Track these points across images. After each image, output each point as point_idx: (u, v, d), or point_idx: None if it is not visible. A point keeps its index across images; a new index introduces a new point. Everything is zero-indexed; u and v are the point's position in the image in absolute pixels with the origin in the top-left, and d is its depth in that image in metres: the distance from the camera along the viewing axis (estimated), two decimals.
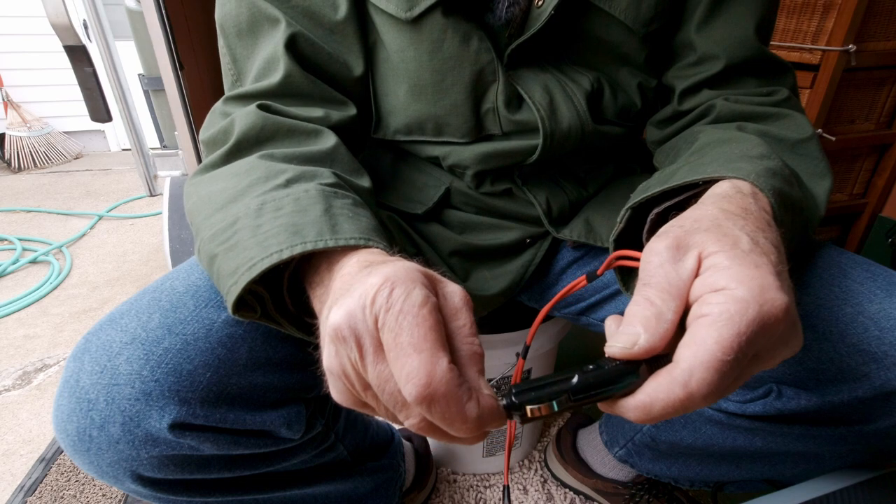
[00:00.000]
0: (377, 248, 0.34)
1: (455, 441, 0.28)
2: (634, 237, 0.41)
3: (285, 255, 0.32)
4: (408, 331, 0.25)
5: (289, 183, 0.38)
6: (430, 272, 0.30)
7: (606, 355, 0.27)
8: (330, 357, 0.28)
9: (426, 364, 0.25)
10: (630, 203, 0.40)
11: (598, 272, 0.37)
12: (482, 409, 0.26)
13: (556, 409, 0.26)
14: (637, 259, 0.33)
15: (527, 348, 0.40)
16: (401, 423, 0.28)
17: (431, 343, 0.25)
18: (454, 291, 0.29)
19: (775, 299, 0.25)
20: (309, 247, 0.32)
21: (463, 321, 0.28)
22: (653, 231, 0.39)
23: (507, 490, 0.42)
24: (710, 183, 0.36)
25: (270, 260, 0.32)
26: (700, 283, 0.27)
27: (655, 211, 0.39)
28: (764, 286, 0.25)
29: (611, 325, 0.29)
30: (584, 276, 0.37)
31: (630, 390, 0.26)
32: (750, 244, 0.28)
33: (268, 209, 0.35)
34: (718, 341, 0.24)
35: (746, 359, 0.25)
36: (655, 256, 0.28)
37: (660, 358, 0.27)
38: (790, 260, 0.30)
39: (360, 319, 0.26)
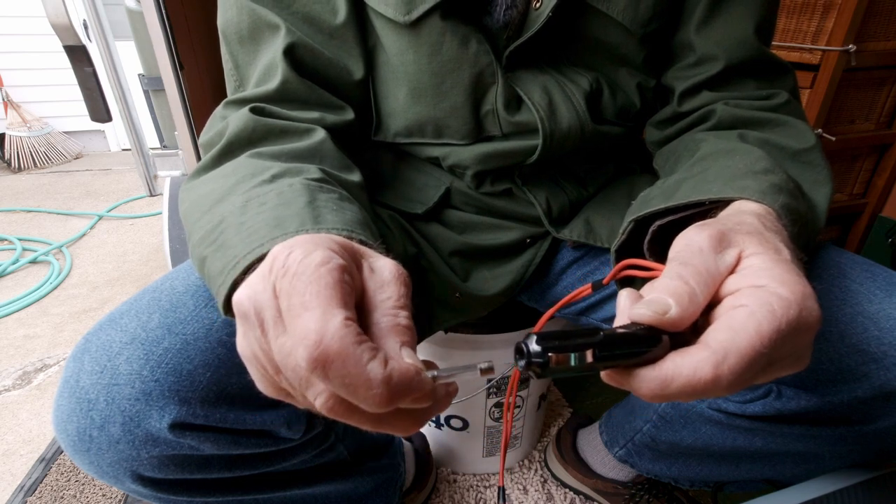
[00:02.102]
0: (358, 239, 0.33)
1: (376, 425, 0.25)
2: (634, 246, 0.41)
3: (266, 248, 0.30)
4: (300, 291, 0.23)
5: (274, 178, 0.37)
6: (361, 247, 0.29)
7: (630, 319, 0.26)
8: (239, 339, 0.26)
9: (316, 321, 0.22)
10: (633, 216, 0.40)
11: (604, 281, 0.36)
12: (391, 371, 0.23)
13: (573, 363, 0.24)
14: (646, 269, 0.32)
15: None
16: (317, 409, 0.25)
17: (325, 299, 0.23)
18: (384, 266, 0.28)
19: (813, 308, 0.25)
20: (290, 237, 0.30)
21: (388, 294, 0.26)
22: (654, 242, 0.39)
23: (501, 491, 0.42)
24: (716, 200, 0.36)
25: (252, 255, 0.31)
26: (738, 278, 0.27)
27: (658, 223, 0.39)
28: (805, 294, 0.25)
29: (625, 298, 0.28)
30: (589, 285, 0.37)
31: (649, 359, 0.25)
32: (790, 256, 0.28)
33: (252, 205, 0.34)
34: (758, 331, 0.24)
35: (771, 358, 0.24)
36: (696, 241, 0.28)
37: (679, 337, 0.26)
38: None
39: (260, 291, 0.24)
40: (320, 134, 0.45)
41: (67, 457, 0.94)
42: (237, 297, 0.25)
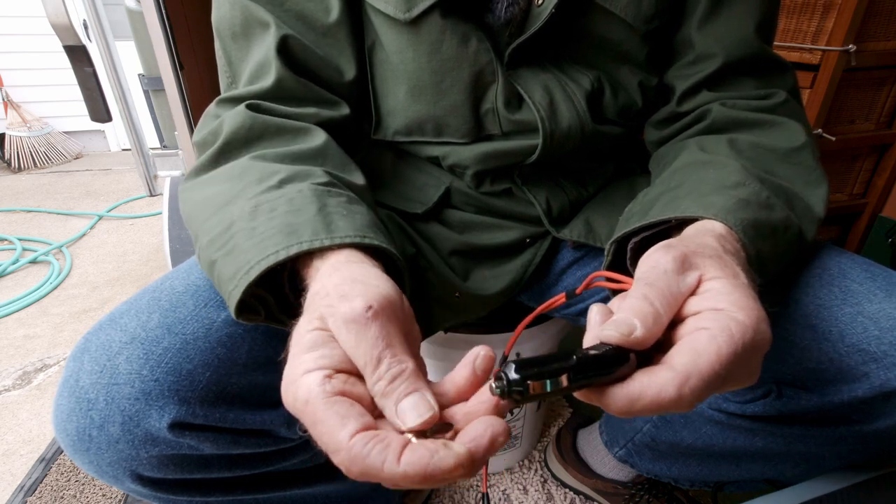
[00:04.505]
0: (371, 244, 0.34)
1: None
2: (623, 264, 0.42)
3: (281, 256, 0.32)
4: (311, 416, 0.26)
5: (281, 184, 0.38)
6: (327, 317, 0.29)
7: (600, 339, 0.27)
8: None
9: (332, 439, 0.25)
10: (613, 238, 0.41)
11: (577, 291, 0.38)
12: (405, 469, 0.24)
13: (549, 388, 0.25)
14: (616, 281, 0.35)
15: (505, 358, 0.39)
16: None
17: (332, 416, 0.25)
18: (346, 328, 0.28)
19: (766, 332, 0.27)
20: (305, 247, 0.32)
21: (363, 361, 0.27)
22: (635, 260, 0.39)
23: (486, 497, 0.43)
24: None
25: (267, 262, 0.32)
26: (698, 300, 0.28)
27: (634, 241, 0.40)
28: (759, 318, 0.27)
29: (595, 314, 0.30)
30: (563, 295, 0.38)
31: (617, 377, 0.26)
32: (746, 280, 0.30)
33: (262, 210, 0.35)
34: (718, 354, 0.25)
35: (726, 377, 0.26)
36: (661, 263, 0.29)
37: (644, 355, 0.27)
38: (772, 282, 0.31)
39: (290, 405, 0.27)
40: (322, 136, 0.45)
41: (67, 457, 0.94)
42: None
